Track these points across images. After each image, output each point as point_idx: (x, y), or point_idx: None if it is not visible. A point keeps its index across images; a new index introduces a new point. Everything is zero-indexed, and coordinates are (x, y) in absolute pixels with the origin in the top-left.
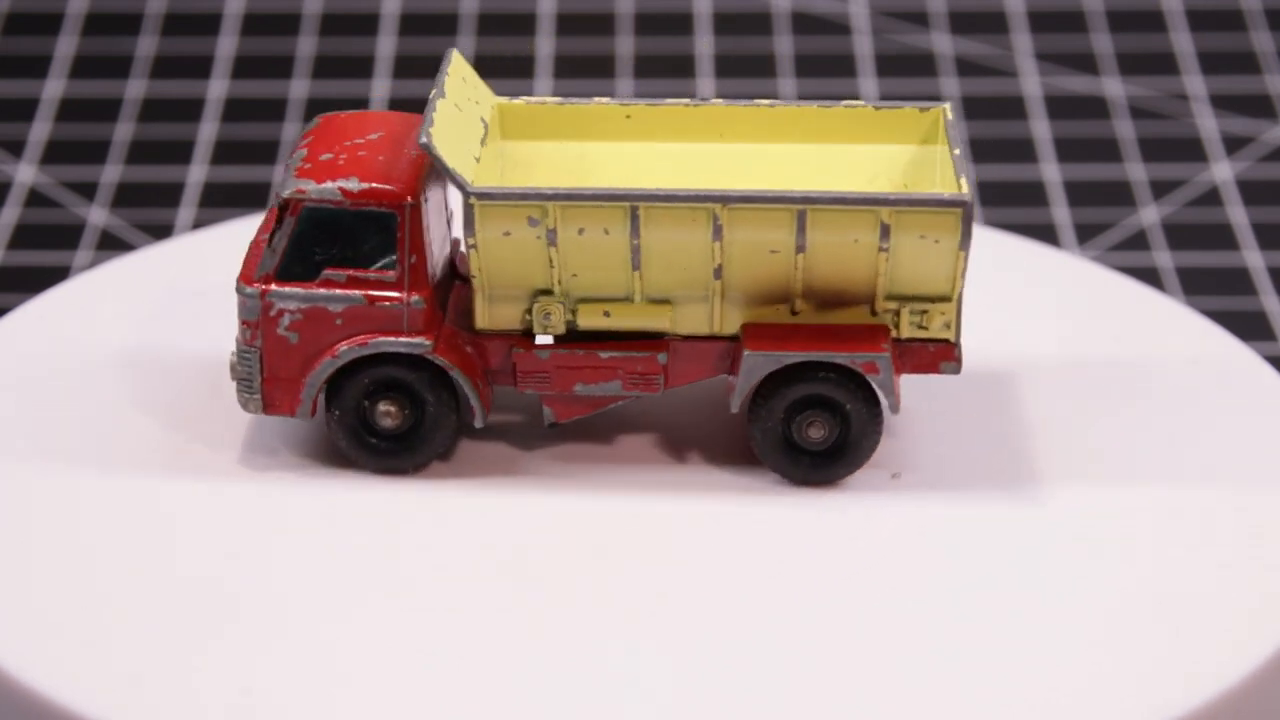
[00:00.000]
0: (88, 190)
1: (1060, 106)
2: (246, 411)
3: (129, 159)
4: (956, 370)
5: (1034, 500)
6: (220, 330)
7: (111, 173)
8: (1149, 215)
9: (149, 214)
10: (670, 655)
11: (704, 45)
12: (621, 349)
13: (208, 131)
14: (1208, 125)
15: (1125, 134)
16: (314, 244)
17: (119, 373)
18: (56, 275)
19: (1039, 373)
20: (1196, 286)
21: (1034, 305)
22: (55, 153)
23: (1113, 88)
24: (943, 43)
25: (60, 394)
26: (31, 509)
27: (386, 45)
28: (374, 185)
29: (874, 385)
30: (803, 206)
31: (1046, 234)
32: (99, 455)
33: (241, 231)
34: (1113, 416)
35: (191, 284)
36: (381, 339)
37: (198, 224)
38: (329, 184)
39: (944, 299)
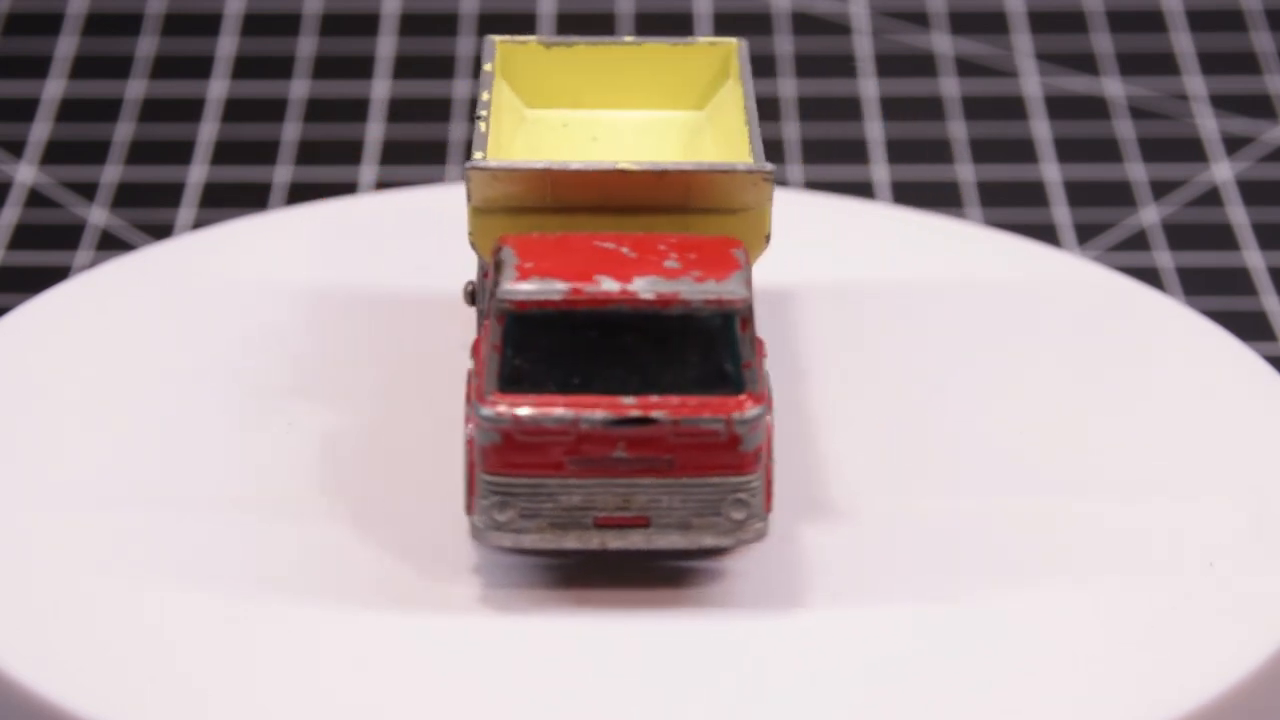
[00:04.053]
0: (88, 190)
1: (1060, 106)
2: (752, 540)
3: (129, 159)
4: None
5: (1033, 500)
6: (220, 330)
7: (111, 173)
8: (1149, 215)
9: (149, 214)
10: None
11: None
12: None
13: (208, 131)
14: (1208, 125)
15: (1125, 134)
16: None
17: (119, 372)
18: (56, 275)
19: (1039, 373)
20: (1196, 286)
21: (1034, 305)
22: (55, 153)
23: (1113, 88)
24: (943, 43)
25: (60, 394)
26: (31, 509)
27: (386, 45)
28: None
29: None
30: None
31: (1046, 234)
32: (99, 455)
33: (242, 231)
34: (1112, 416)
35: (191, 284)
36: None
37: (198, 224)
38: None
39: None
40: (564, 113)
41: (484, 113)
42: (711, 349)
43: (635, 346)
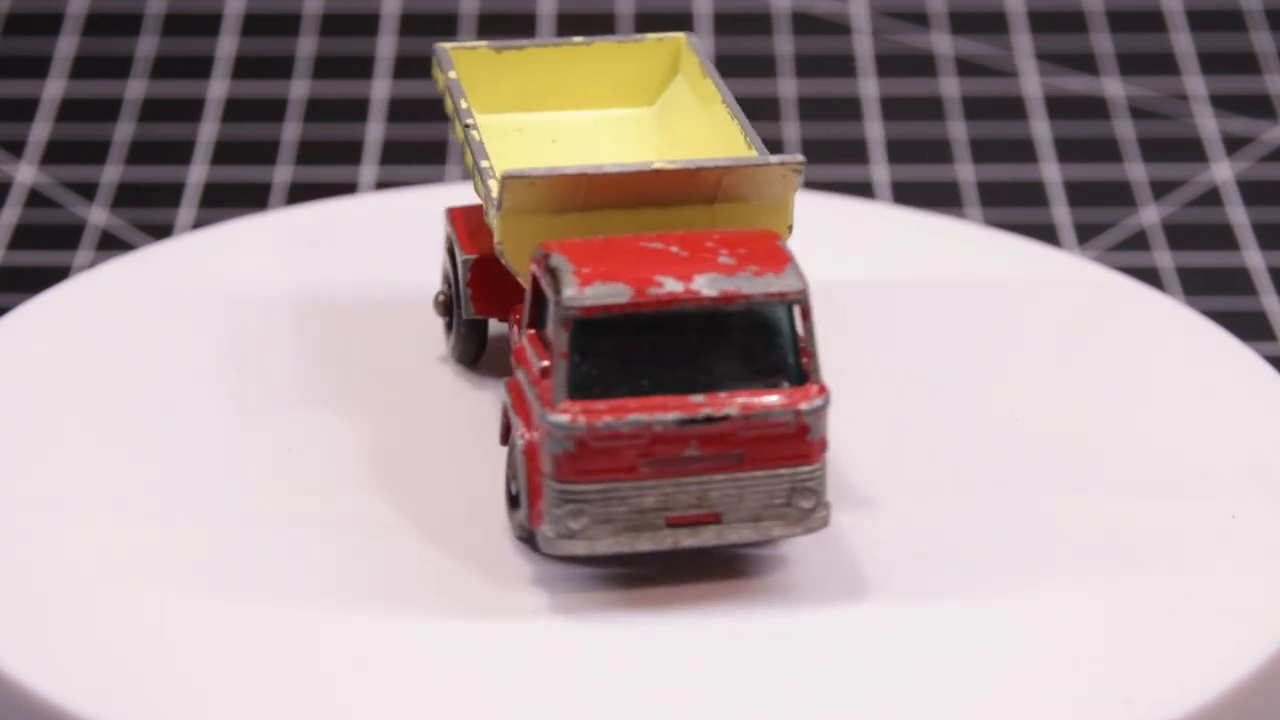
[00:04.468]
0: (88, 190)
1: (1060, 106)
2: (818, 528)
3: (129, 159)
4: None
5: (1032, 500)
6: (220, 330)
7: (111, 173)
8: (1149, 215)
9: (149, 214)
10: None
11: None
12: None
13: (208, 131)
14: (1208, 125)
15: (1125, 134)
16: None
17: (119, 373)
18: (56, 275)
19: (1038, 373)
20: (1196, 286)
21: (1034, 305)
22: (55, 153)
23: (1113, 88)
24: (943, 43)
25: (60, 394)
26: (31, 509)
27: (386, 45)
28: None
29: None
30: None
31: (1046, 234)
32: (99, 455)
33: (241, 231)
34: (1112, 417)
35: (192, 284)
36: None
37: (198, 224)
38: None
39: None
40: (517, 117)
41: (471, 120)
42: (773, 341)
43: (699, 344)
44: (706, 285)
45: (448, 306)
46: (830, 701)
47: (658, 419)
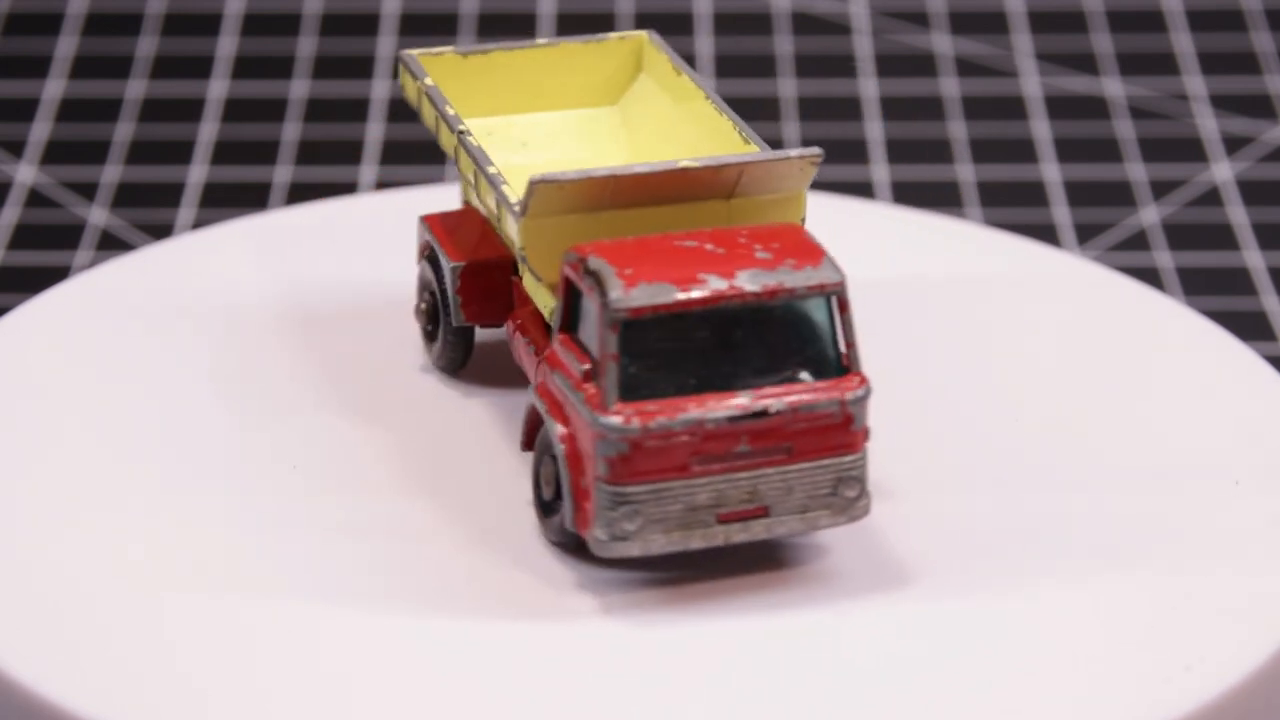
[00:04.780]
0: (88, 190)
1: (1060, 106)
2: (860, 517)
3: (129, 159)
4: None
5: (1032, 500)
6: (220, 330)
7: (111, 173)
8: (1149, 215)
9: (149, 214)
10: None
11: (705, 45)
12: None
13: (208, 131)
14: (1208, 125)
15: (1125, 134)
16: None
17: (118, 373)
18: (56, 275)
19: (1039, 373)
20: (1196, 286)
21: (1034, 305)
22: (55, 153)
23: (1113, 88)
24: (943, 43)
25: (60, 394)
26: (31, 508)
27: (386, 45)
28: None
29: None
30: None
31: (1046, 234)
32: (99, 455)
33: (241, 231)
34: (1112, 416)
35: (192, 284)
36: None
37: (198, 224)
38: None
39: None
40: (486, 121)
41: (464, 126)
42: (814, 334)
43: (742, 340)
44: (749, 281)
45: (431, 315)
46: (830, 701)
47: (709, 416)
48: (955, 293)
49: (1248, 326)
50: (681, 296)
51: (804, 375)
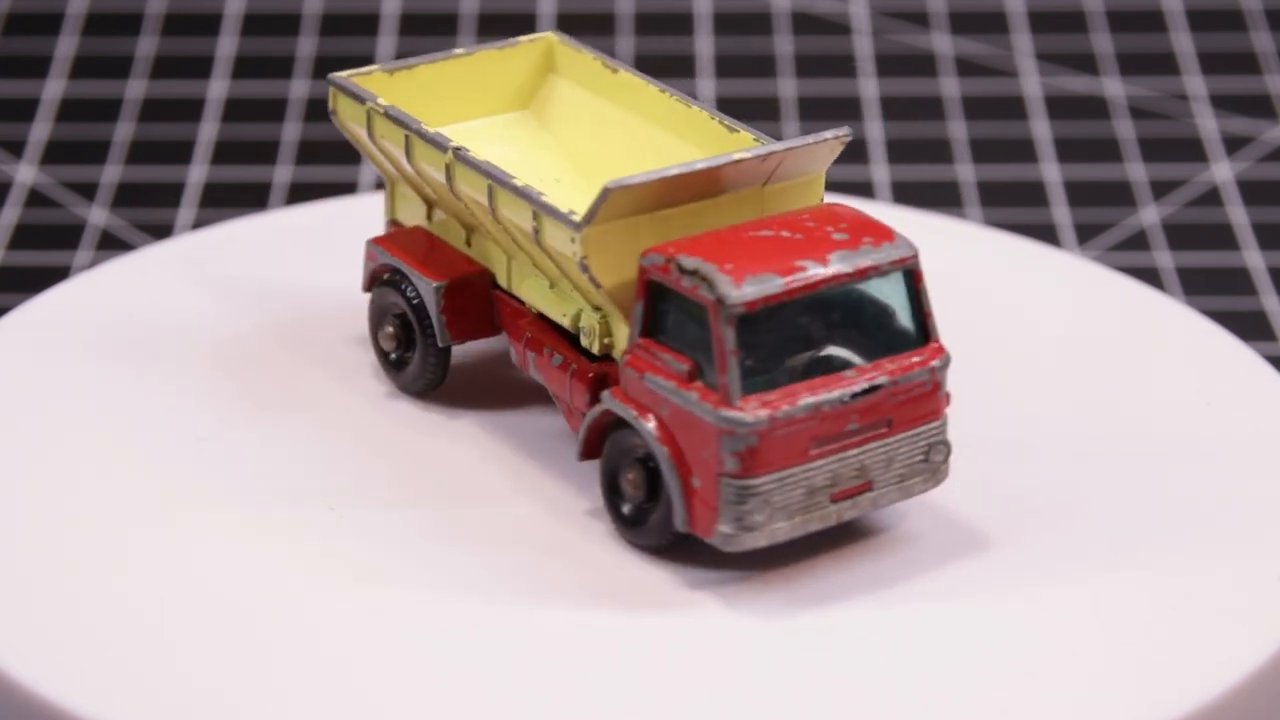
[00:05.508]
0: (88, 190)
1: (1060, 106)
2: (943, 479)
3: (129, 159)
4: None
5: (1032, 500)
6: (220, 330)
7: (111, 173)
8: (1149, 215)
9: (149, 214)
10: None
11: (705, 45)
12: None
13: (208, 131)
14: (1208, 125)
15: (1125, 134)
16: None
17: (118, 373)
18: (56, 275)
19: (1039, 372)
20: (1196, 286)
21: (1034, 305)
22: (55, 153)
23: (1113, 88)
24: (943, 43)
25: (59, 394)
26: (31, 508)
27: (386, 45)
28: None
29: None
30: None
31: (1046, 234)
32: (99, 455)
33: (241, 231)
34: (1113, 416)
35: (191, 284)
36: None
37: (198, 224)
38: None
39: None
40: None
41: (455, 141)
42: (897, 307)
43: (838, 321)
44: (842, 263)
45: (403, 340)
46: (830, 701)
47: (826, 399)
48: (955, 293)
49: (1248, 326)
50: (789, 285)
51: (894, 348)
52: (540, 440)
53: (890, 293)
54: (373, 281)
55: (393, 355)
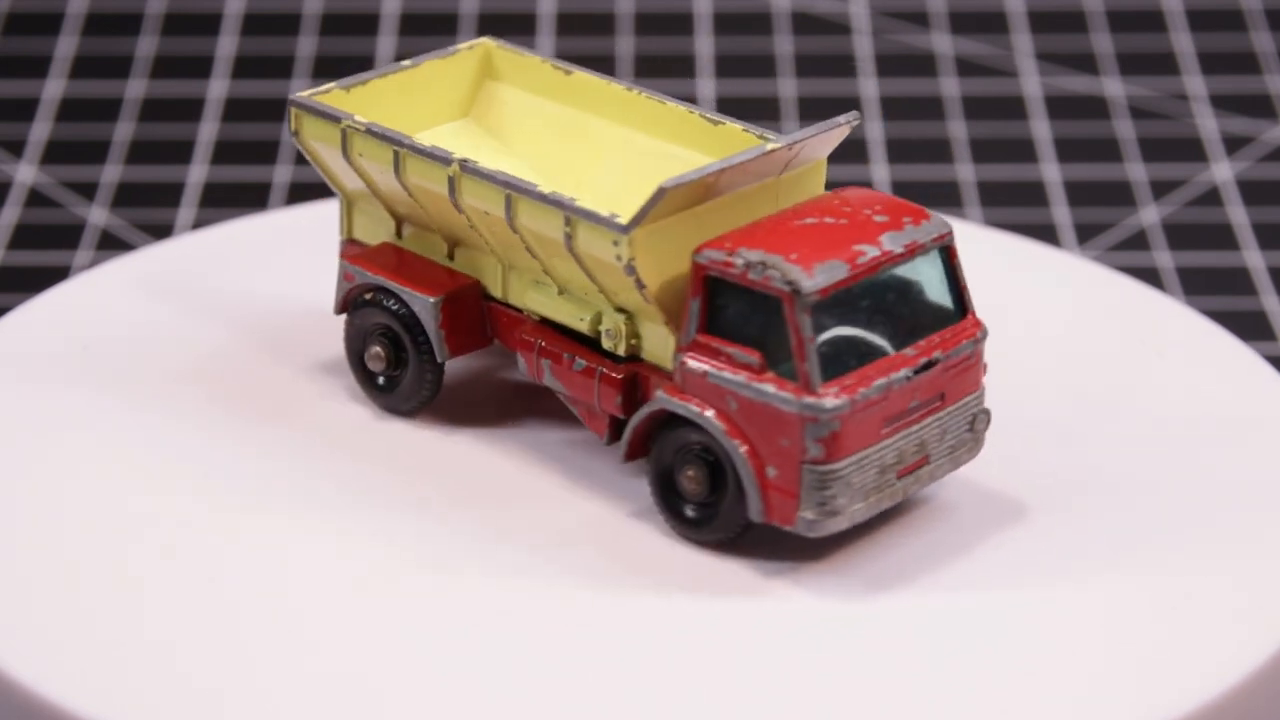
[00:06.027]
0: (88, 190)
1: (1060, 106)
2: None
3: (129, 159)
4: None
5: (1032, 500)
6: (220, 329)
7: (111, 173)
8: (1149, 215)
9: (149, 214)
10: None
11: (704, 45)
12: None
13: (208, 131)
14: (1208, 125)
15: (1125, 134)
16: None
17: (118, 373)
18: (56, 275)
19: (1039, 372)
20: (1196, 286)
21: (1034, 305)
22: (55, 153)
23: (1113, 88)
24: (943, 43)
25: (60, 394)
26: (31, 508)
27: (386, 45)
28: None
29: None
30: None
31: (1046, 234)
32: (99, 455)
33: (241, 231)
34: (1112, 416)
35: (191, 284)
36: None
37: (198, 224)
38: None
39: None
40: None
41: (454, 152)
42: (937, 283)
43: (892, 302)
44: (894, 243)
45: (392, 360)
46: (830, 700)
47: (895, 378)
48: None
49: (1248, 326)
50: (855, 269)
51: (940, 324)
52: (554, 447)
53: (927, 270)
54: (347, 303)
55: (381, 377)
